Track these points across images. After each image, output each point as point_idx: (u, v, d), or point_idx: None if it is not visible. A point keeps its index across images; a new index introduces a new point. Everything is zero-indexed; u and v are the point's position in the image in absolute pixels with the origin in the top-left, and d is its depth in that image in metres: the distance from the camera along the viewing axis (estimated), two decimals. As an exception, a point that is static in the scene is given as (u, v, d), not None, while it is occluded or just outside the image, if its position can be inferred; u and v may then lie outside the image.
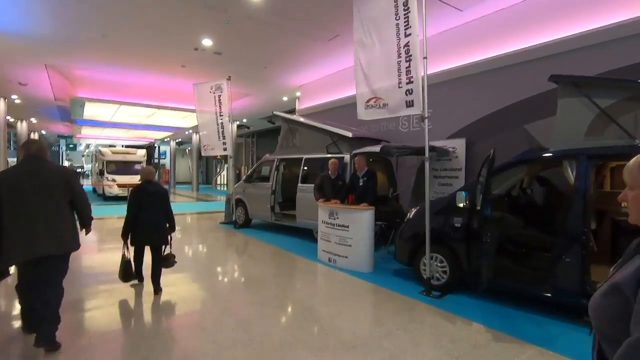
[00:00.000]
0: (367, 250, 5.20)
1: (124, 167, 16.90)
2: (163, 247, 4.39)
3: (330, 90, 10.65)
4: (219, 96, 8.97)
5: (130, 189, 4.55)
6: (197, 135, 25.42)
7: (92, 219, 3.25)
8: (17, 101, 14.52)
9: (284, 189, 8.49)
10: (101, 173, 17.63)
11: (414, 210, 4.84)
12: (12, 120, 20.16)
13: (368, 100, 4.85)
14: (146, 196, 4.19)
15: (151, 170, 4.49)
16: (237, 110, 14.24)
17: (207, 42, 7.98)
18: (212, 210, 13.24)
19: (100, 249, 7.01)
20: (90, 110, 14.17)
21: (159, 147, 36.06)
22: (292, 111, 17.02)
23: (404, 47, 4.46)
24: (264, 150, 25.59)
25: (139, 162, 18.02)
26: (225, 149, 9.07)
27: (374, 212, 5.23)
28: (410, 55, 4.40)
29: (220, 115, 9.00)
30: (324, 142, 7.27)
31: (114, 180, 16.04)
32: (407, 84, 4.43)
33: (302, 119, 8.04)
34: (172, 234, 4.46)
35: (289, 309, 4.01)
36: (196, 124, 18.86)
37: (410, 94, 4.39)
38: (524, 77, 5.83)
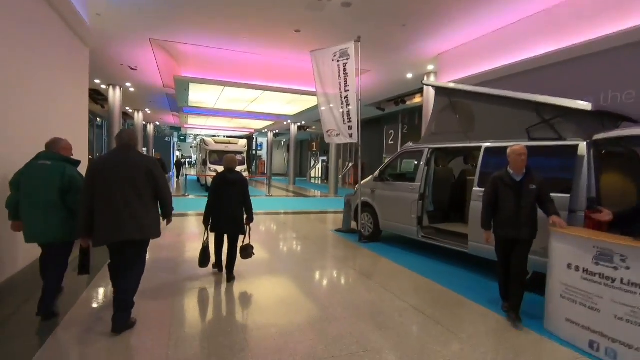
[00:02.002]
0: None
1: (226, 158, 16.12)
2: (241, 237, 4.36)
3: (487, 55, 7.65)
4: (344, 65, 6.74)
5: None
6: (295, 126, 24.28)
7: (172, 209, 3.27)
8: (132, 89, 14.56)
9: (437, 193, 5.92)
10: (204, 163, 17.27)
11: None
12: (130, 111, 21.34)
13: None
14: (225, 185, 4.17)
15: (233, 159, 4.38)
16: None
17: (336, -15, 5.76)
18: (316, 210, 11.30)
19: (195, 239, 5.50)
20: (195, 95, 13.41)
21: (256, 139, 36.53)
22: (412, 94, 14.21)
23: None
24: (366, 143, 22.89)
25: (240, 153, 17.20)
26: (350, 135, 6.83)
27: None
28: None
29: (346, 90, 6.77)
30: (523, 122, 4.45)
31: (215, 171, 15.34)
32: None
33: (481, 89, 5.29)
34: (251, 225, 4.37)
35: None
36: (299, 110, 17.37)
37: None
38: None
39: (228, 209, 4.10)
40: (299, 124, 24.29)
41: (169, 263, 5.06)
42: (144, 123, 25.44)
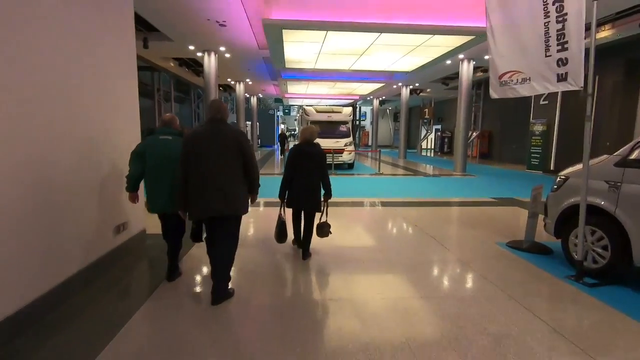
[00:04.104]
0: None
1: (329, 129, 13.85)
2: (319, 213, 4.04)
3: None
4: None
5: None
6: (407, 89, 20.55)
7: (259, 185, 3.18)
8: (227, 55, 13.16)
9: None
10: (305, 135, 15.41)
11: None
12: (232, 82, 20.63)
13: None
14: (301, 158, 3.92)
15: (313, 130, 4.04)
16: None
17: None
18: (450, 199, 8.17)
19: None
20: (292, 51, 11.13)
21: (360, 108, 33.68)
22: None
23: None
24: (494, 104, 16.83)
25: (345, 123, 14.74)
26: (562, 75, 3.52)
27: None
28: None
29: (560, -14, 3.43)
30: None
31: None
32: None
33: None
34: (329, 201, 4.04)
35: None
36: (421, 62, 13.37)
37: None
38: None
39: (303, 184, 3.90)
40: (411, 86, 20.53)
41: (252, 240, 4.90)
42: (246, 95, 24.91)
